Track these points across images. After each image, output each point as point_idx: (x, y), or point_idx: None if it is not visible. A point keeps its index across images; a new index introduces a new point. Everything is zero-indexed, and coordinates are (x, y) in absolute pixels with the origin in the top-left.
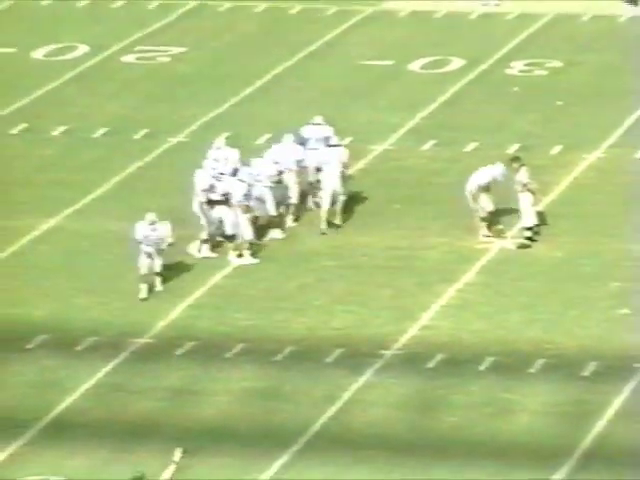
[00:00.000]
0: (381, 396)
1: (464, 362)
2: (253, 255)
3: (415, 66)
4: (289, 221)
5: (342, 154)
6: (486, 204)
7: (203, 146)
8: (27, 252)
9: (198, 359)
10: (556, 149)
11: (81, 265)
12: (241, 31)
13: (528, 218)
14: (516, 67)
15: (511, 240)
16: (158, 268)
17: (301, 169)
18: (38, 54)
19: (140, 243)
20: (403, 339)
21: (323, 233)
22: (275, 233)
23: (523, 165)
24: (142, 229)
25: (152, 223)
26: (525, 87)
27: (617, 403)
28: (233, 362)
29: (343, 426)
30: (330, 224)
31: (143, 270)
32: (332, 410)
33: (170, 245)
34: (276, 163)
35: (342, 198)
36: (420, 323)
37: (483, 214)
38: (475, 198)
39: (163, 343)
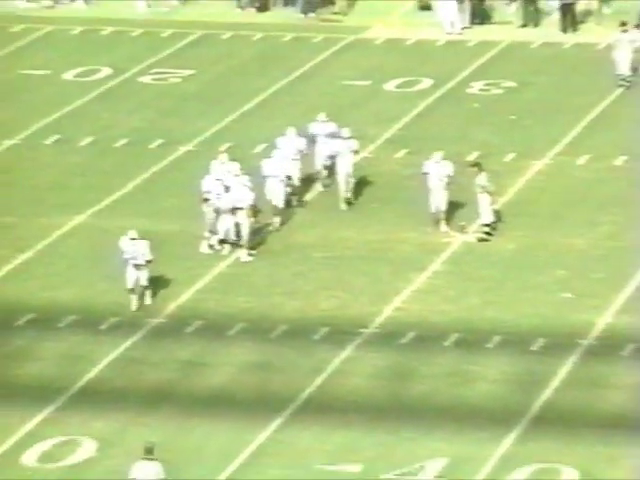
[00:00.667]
0: (361, 368)
1: (432, 338)
2: (251, 249)
3: (390, 86)
4: (294, 200)
5: (353, 144)
6: (440, 204)
7: (209, 154)
8: (58, 245)
9: (205, 336)
10: (510, 156)
11: (103, 256)
12: (241, 56)
13: (486, 216)
14: (476, 86)
15: (472, 235)
16: (144, 282)
17: (302, 158)
18: (68, 75)
19: (125, 259)
20: (380, 319)
21: (348, 202)
22: (275, 222)
23: (482, 170)
24: (123, 243)
25: (133, 239)
26: (484, 103)
27: (562, 373)
28: (234, 339)
29: (328, 394)
30: (349, 203)
31: (130, 284)
32: (319, 380)
33: (148, 262)
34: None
35: (352, 181)
36: (394, 305)
37: (439, 212)
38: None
39: (175, 322)
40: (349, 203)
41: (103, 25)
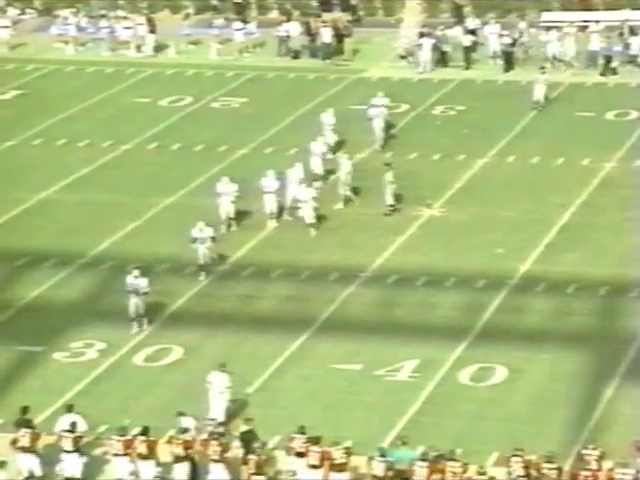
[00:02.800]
0: (360, 299)
1: (407, 280)
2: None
3: None
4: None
5: (384, 111)
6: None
7: (258, 156)
8: (157, 216)
9: (255, 278)
10: (462, 156)
11: (187, 224)
12: (280, 89)
13: (389, 200)
14: (438, 109)
15: (436, 210)
16: (142, 310)
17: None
18: (164, 102)
19: (128, 290)
20: (372, 266)
21: (382, 147)
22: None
23: (391, 169)
24: (129, 278)
25: (135, 276)
26: (444, 121)
27: (496, 303)
28: (275, 279)
29: (339, 317)
30: (382, 147)
31: (132, 314)
32: (332, 307)
33: (145, 294)
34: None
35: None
36: (383, 257)
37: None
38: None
39: (235, 268)
40: (382, 147)
41: (187, 68)
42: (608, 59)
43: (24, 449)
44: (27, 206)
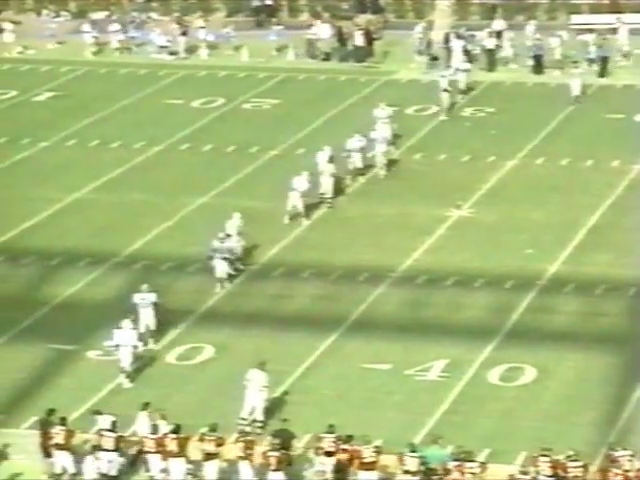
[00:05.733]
0: (390, 299)
1: (437, 280)
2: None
3: (410, 110)
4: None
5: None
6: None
7: (290, 156)
8: (189, 216)
9: (285, 278)
10: (491, 158)
11: (218, 224)
12: (311, 90)
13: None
14: (468, 111)
15: (466, 211)
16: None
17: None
18: (196, 103)
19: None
20: (402, 267)
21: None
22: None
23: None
24: (136, 297)
25: (142, 298)
26: (473, 122)
27: (524, 303)
28: (305, 279)
29: (368, 316)
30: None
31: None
32: (362, 307)
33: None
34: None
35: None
36: (412, 258)
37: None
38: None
39: (266, 268)
40: (449, 114)
41: (219, 70)
42: (538, 58)
43: (58, 446)
44: (61, 206)
